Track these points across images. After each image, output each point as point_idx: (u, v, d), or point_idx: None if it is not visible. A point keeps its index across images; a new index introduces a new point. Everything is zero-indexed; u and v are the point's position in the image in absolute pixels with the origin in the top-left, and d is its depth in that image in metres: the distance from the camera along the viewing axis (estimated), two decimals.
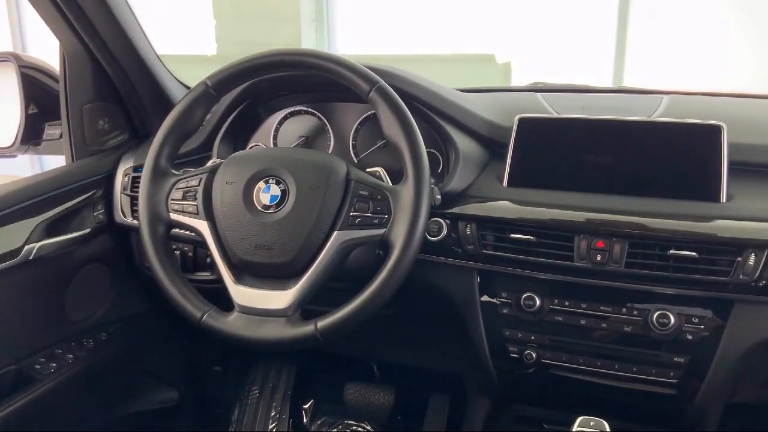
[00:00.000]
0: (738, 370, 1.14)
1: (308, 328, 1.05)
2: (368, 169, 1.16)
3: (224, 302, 1.12)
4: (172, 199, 1.16)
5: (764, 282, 1.07)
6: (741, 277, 1.08)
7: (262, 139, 1.49)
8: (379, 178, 1.15)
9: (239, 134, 1.47)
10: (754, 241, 1.08)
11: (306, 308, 1.09)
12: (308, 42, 5.01)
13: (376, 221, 1.06)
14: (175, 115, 1.18)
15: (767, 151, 1.21)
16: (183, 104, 1.18)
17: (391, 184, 1.13)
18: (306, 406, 1.94)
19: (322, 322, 1.05)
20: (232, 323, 1.09)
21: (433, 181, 1.09)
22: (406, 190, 1.06)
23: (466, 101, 1.35)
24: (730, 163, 1.15)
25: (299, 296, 1.07)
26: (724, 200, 1.14)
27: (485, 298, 1.25)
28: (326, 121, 1.44)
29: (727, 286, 1.10)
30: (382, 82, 1.11)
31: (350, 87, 1.13)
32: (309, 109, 1.45)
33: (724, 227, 1.11)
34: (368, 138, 1.40)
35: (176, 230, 1.19)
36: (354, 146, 1.42)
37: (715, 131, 1.16)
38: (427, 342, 1.60)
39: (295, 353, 1.93)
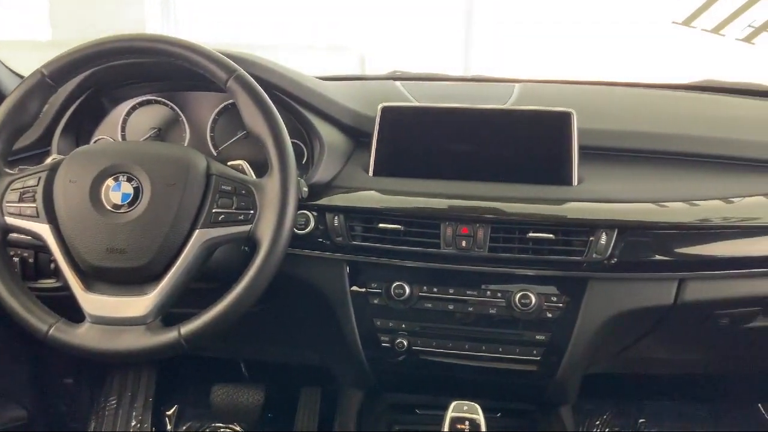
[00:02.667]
0: (593, 343, 1.22)
1: (171, 335, 0.99)
2: (230, 163, 1.10)
3: (74, 312, 1.03)
4: (7, 202, 1.04)
5: (615, 260, 1.15)
6: (594, 256, 1.15)
7: (108, 132, 1.37)
8: (242, 171, 1.10)
9: (82, 127, 1.35)
10: (604, 221, 1.15)
11: (170, 313, 1.02)
12: (153, 26, 4.74)
13: (241, 217, 1.01)
14: (7, 108, 1.06)
15: (614, 135, 1.29)
16: (15, 96, 1.06)
17: (255, 177, 1.09)
18: (169, 413, 1.86)
19: (186, 328, 0.99)
20: (83, 335, 1.00)
21: (298, 172, 1.06)
22: (272, 184, 1.02)
23: (327, 90, 1.32)
24: (580, 148, 1.21)
25: (159, 302, 1.00)
26: (576, 183, 1.20)
27: (355, 288, 1.24)
28: (180, 112, 1.35)
29: (582, 265, 1.16)
30: (241, 70, 1.06)
31: (206, 75, 1.06)
32: (160, 99, 1.36)
33: (576, 209, 1.17)
34: (227, 129, 1.34)
35: (14, 235, 1.07)
36: (212, 138, 1.35)
37: (565, 118, 1.22)
38: (297, 337, 1.57)
39: None
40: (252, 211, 1.02)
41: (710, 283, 1.20)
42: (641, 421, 1.88)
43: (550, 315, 1.20)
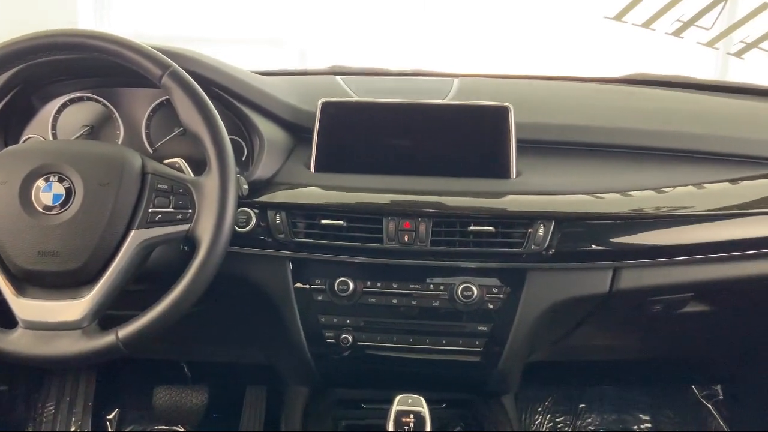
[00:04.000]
0: (534, 332, 1.25)
1: (108, 339, 0.96)
2: (166, 161, 1.08)
3: (4, 318, 0.99)
4: None
5: (553, 251, 1.18)
6: (532, 247, 1.17)
7: (37, 131, 1.32)
8: (179, 169, 1.07)
9: (10, 126, 1.29)
10: (541, 213, 1.18)
11: (107, 315, 1.00)
12: (86, 21, 4.58)
13: (179, 216, 0.99)
14: None
15: (550, 129, 1.32)
16: None
17: (193, 175, 1.07)
18: (110, 417, 1.81)
19: (124, 331, 0.96)
20: (16, 341, 0.97)
21: (238, 170, 1.05)
22: (211, 181, 1.00)
23: (265, 85, 1.31)
24: (518, 141, 1.23)
25: (95, 305, 0.97)
26: (514, 176, 1.23)
27: (299, 285, 1.23)
28: (113, 109, 1.31)
29: (521, 257, 1.19)
30: (175, 66, 1.04)
31: (139, 72, 1.04)
32: (92, 96, 1.31)
33: (515, 202, 1.19)
34: (163, 126, 1.31)
35: None
36: (148, 135, 1.32)
37: (502, 112, 1.24)
38: (241, 336, 1.55)
39: None
40: (190, 210, 1.00)
41: (643, 271, 1.24)
42: (581, 406, 1.94)
43: (491, 306, 1.22)
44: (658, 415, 1.94)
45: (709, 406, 1.97)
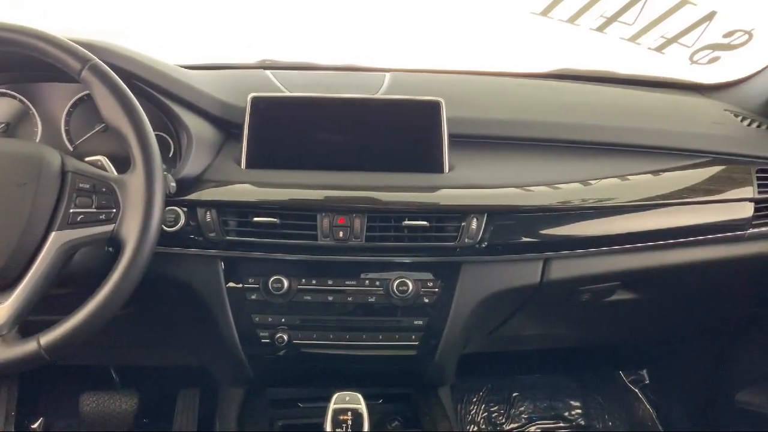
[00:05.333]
0: (468, 324, 1.26)
1: (29, 347, 0.91)
2: (88, 159, 1.03)
3: None
4: None
5: (486, 243, 1.19)
6: (466, 240, 1.18)
7: None
8: (102, 167, 1.03)
9: None
10: (474, 207, 1.19)
11: (29, 321, 0.95)
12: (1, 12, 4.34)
13: (102, 217, 0.95)
14: None
15: (481, 123, 1.33)
16: None
17: (116, 173, 1.02)
18: (35, 426, 1.73)
19: (47, 338, 0.92)
20: None
21: (164, 167, 1.01)
22: (135, 180, 0.96)
23: (192, 79, 1.27)
24: (450, 136, 1.24)
25: (14, 311, 0.92)
26: (447, 171, 1.23)
27: (231, 285, 1.21)
28: (30, 105, 1.25)
29: (455, 250, 1.20)
30: (96, 59, 1.00)
31: (57, 66, 0.99)
32: (8, 91, 1.25)
33: (448, 196, 1.20)
34: (84, 122, 1.25)
35: None
36: (67, 132, 1.26)
37: (434, 106, 1.25)
38: (171, 339, 1.51)
39: None
40: (114, 210, 0.96)
41: (572, 261, 1.27)
42: (515, 394, 1.98)
43: (427, 300, 1.23)
44: (588, 400, 2.01)
45: (636, 390, 2.05)
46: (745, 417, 1.75)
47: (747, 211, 1.32)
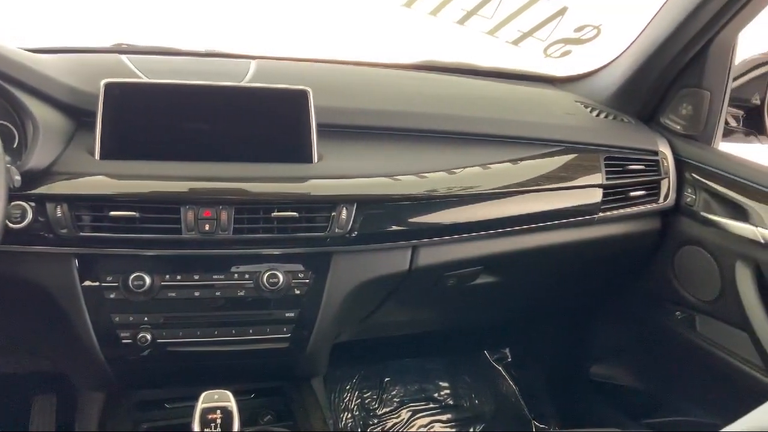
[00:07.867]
0: (340, 314, 1.27)
1: None
2: None
3: None
4: None
5: (356, 233, 1.20)
6: (336, 230, 1.18)
7: None
8: None
9: None
10: (343, 197, 1.19)
11: None
12: None
13: None
14: None
15: (349, 113, 1.33)
16: None
17: None
18: None
19: None
20: None
21: (8, 159, 0.92)
22: None
23: (39, 64, 1.17)
24: (319, 126, 1.23)
25: None
26: (315, 161, 1.22)
27: (87, 284, 1.13)
28: None
29: (326, 240, 1.19)
30: None
31: None
32: None
33: (317, 186, 1.19)
34: None
35: None
36: None
37: (302, 96, 1.23)
38: (21, 343, 1.39)
39: None
40: None
41: (439, 247, 1.31)
42: (386, 380, 2.02)
43: (298, 291, 1.22)
44: (456, 381, 2.09)
45: (500, 368, 2.16)
46: (599, 389, 1.90)
47: (596, 196, 1.42)
